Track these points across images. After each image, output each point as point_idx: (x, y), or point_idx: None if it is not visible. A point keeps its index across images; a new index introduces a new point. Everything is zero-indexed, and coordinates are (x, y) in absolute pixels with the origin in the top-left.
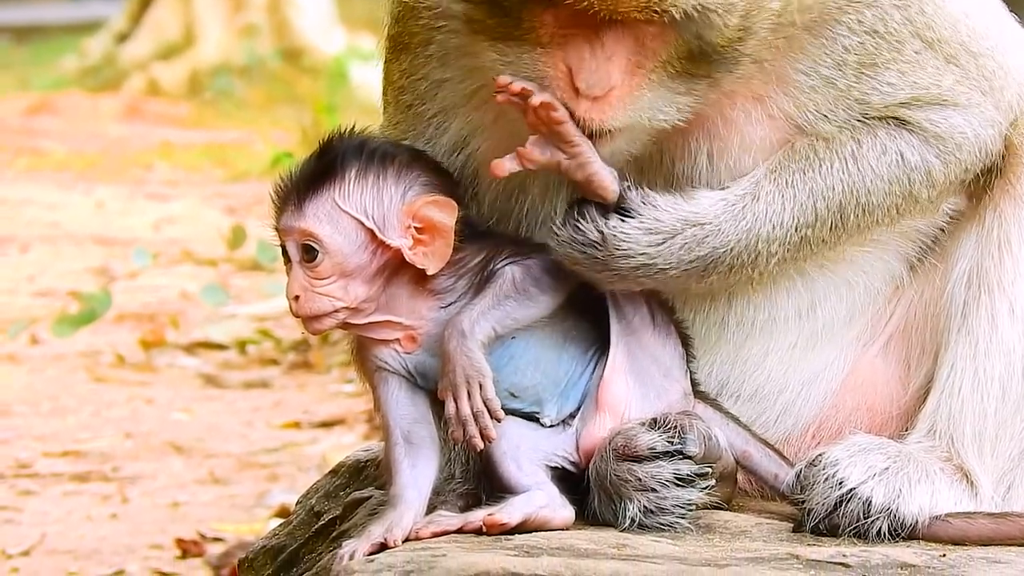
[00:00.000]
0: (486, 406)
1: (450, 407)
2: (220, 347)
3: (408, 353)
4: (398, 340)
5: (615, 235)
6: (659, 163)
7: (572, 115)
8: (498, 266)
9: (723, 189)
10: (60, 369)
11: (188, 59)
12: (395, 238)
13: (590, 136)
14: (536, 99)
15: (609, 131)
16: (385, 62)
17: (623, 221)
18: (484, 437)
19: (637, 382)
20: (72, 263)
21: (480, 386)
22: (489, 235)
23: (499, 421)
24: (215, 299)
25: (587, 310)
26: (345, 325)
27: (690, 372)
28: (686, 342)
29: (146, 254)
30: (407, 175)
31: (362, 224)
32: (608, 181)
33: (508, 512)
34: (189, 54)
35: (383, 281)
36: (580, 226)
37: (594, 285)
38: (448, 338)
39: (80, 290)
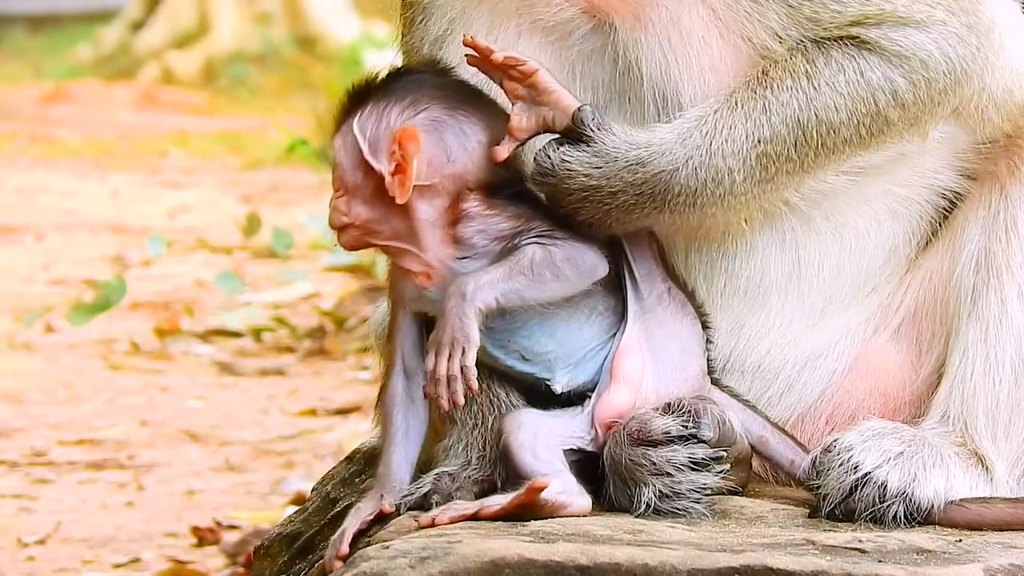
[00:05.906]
0: (463, 372)
1: (429, 362)
2: (235, 335)
3: (424, 289)
4: (418, 274)
5: (561, 158)
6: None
7: None
8: (523, 242)
9: (677, 120)
10: (75, 357)
11: (203, 47)
12: (379, 161)
13: None
14: (498, 56)
15: None
16: None
17: (573, 148)
18: (452, 402)
19: (654, 355)
20: (87, 251)
21: (463, 351)
22: (527, 205)
23: (471, 391)
24: (230, 287)
25: (617, 290)
26: (366, 243)
27: (707, 353)
28: (705, 325)
29: (161, 242)
30: (420, 105)
31: (357, 142)
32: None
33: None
34: (204, 42)
35: (388, 207)
36: (538, 158)
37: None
38: (449, 296)
39: (95, 278)
